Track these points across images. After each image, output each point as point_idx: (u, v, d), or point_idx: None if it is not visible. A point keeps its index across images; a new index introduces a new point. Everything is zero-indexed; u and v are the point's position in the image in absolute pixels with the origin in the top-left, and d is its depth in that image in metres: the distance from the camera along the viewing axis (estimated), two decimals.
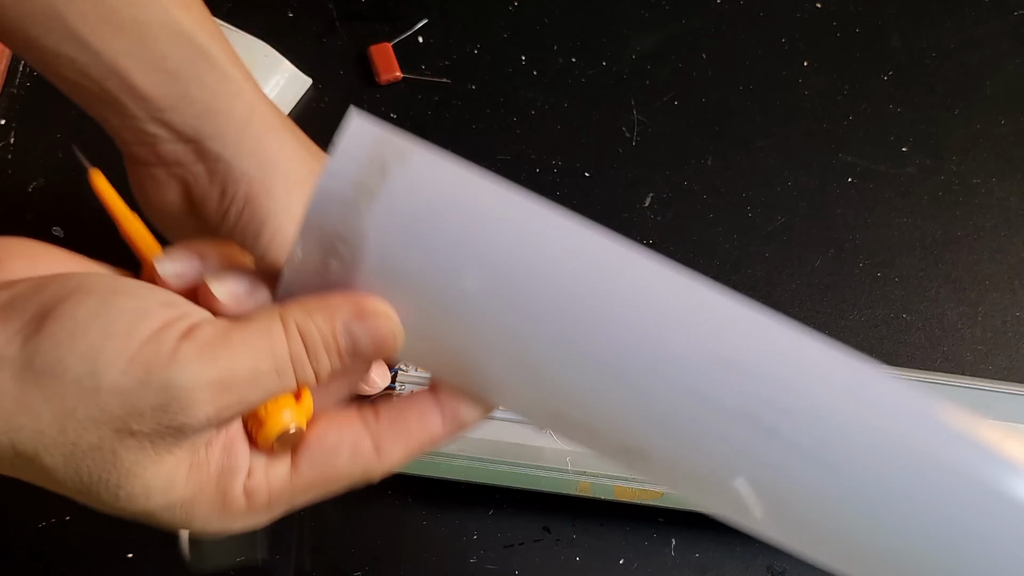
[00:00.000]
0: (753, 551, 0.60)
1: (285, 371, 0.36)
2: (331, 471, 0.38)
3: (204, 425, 0.35)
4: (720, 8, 0.77)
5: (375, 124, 0.36)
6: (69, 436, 0.34)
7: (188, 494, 0.36)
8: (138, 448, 0.35)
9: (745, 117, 0.73)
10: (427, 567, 0.59)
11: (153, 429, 0.34)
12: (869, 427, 0.35)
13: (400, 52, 0.73)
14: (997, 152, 0.72)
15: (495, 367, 0.37)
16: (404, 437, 0.39)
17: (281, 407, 0.37)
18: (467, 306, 0.36)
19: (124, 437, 0.34)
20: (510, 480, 0.56)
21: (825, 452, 0.35)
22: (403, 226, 0.36)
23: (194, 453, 0.36)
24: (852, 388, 0.36)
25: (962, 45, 0.76)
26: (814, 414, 0.35)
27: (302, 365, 0.36)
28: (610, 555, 0.60)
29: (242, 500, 0.37)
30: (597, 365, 0.36)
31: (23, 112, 0.69)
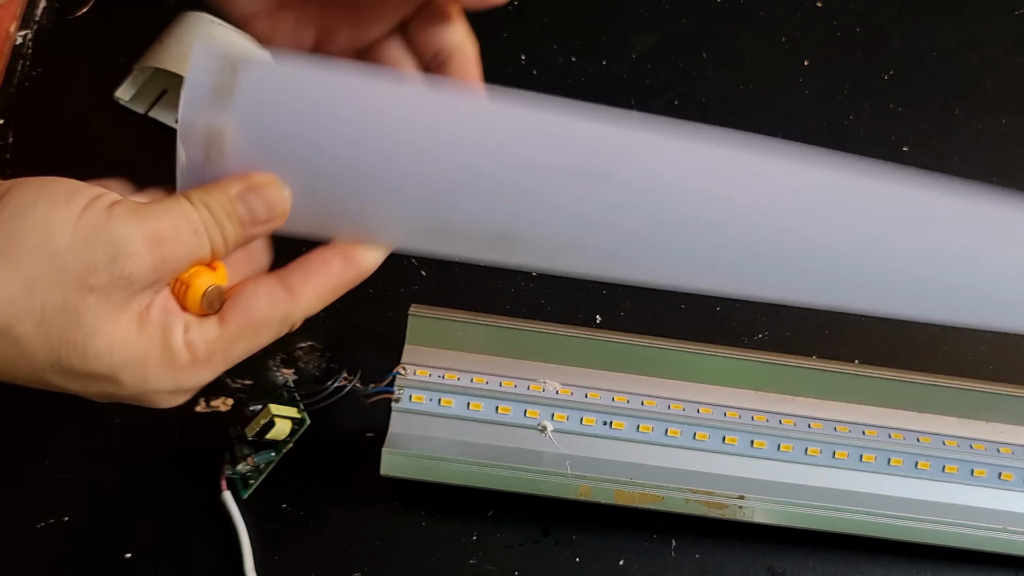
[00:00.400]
0: (753, 552, 0.60)
1: (200, 233, 0.42)
2: (254, 316, 0.43)
3: (147, 273, 0.40)
4: (720, 8, 0.76)
5: (219, 47, 0.44)
6: (37, 301, 0.39)
7: (141, 349, 0.41)
8: (97, 304, 0.40)
9: (745, 117, 0.73)
10: (426, 568, 0.59)
11: (108, 281, 0.40)
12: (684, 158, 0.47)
13: None
14: (998, 152, 0.72)
15: (364, 207, 0.45)
16: (311, 278, 0.45)
17: (202, 272, 0.43)
18: (330, 162, 0.44)
19: (84, 294, 0.39)
20: (510, 485, 0.56)
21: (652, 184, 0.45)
22: (260, 109, 0.43)
23: (141, 311, 0.41)
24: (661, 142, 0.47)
25: (963, 44, 0.76)
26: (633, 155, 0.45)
27: (212, 229, 0.42)
28: (610, 556, 0.60)
29: (185, 353, 0.42)
30: (447, 175, 0.45)
31: (22, 112, 0.69)
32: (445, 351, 0.59)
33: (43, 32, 0.72)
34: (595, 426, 0.58)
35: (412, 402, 0.57)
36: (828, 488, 0.58)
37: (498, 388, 0.58)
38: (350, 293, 0.64)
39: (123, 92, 0.69)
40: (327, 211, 0.46)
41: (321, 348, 0.63)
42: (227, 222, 0.43)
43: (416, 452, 0.56)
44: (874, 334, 0.66)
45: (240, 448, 0.59)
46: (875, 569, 0.60)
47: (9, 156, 0.68)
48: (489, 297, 0.65)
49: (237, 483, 0.59)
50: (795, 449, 0.58)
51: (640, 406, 0.58)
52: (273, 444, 0.58)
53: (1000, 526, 0.57)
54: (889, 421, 0.59)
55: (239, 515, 0.59)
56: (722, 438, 0.58)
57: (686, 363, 0.60)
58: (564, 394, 0.58)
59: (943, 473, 0.58)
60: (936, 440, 0.59)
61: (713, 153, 0.48)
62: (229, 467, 0.59)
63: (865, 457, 0.58)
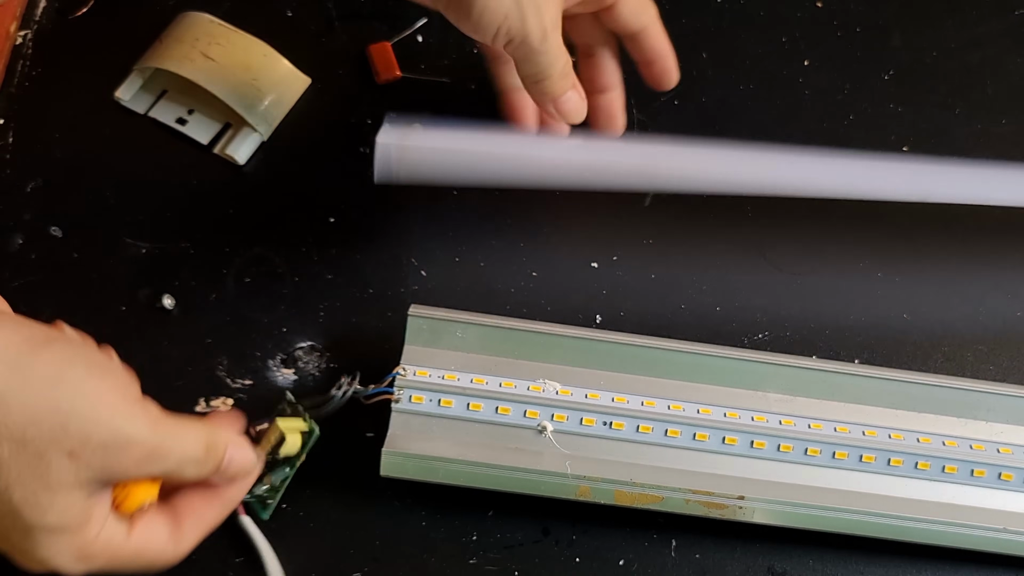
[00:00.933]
0: (753, 552, 0.60)
1: (195, 464, 0.49)
2: (148, 550, 0.50)
3: (126, 474, 0.46)
4: (720, 8, 0.76)
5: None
6: (26, 437, 0.43)
7: (69, 524, 0.46)
8: (68, 470, 0.44)
9: (745, 117, 0.73)
10: (426, 568, 0.59)
11: (91, 461, 0.44)
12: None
13: (399, 51, 0.72)
14: (998, 152, 0.72)
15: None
16: (197, 527, 0.52)
17: (144, 484, 0.49)
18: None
19: (63, 456, 0.44)
20: (510, 485, 0.56)
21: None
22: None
23: (89, 494, 0.46)
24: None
25: (963, 44, 0.76)
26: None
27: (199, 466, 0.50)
28: (610, 556, 0.60)
29: (90, 547, 0.47)
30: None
31: (22, 112, 0.69)
32: (445, 351, 0.59)
33: (43, 32, 0.72)
34: (595, 427, 0.57)
35: (412, 403, 0.57)
36: (828, 488, 0.57)
37: (498, 389, 0.58)
38: (350, 293, 0.65)
39: (123, 92, 0.69)
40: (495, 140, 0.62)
41: (321, 348, 0.63)
42: (198, 469, 0.50)
43: (416, 453, 0.56)
44: (874, 334, 0.66)
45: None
46: (875, 569, 0.60)
47: (9, 156, 0.68)
48: (489, 297, 0.65)
49: (255, 506, 0.58)
50: (795, 449, 0.58)
51: (640, 406, 0.58)
52: (287, 460, 0.57)
53: (1000, 526, 0.57)
54: (889, 421, 0.59)
55: (263, 539, 0.58)
56: (722, 438, 0.57)
57: (686, 363, 0.60)
58: (564, 395, 0.58)
59: (943, 473, 0.58)
60: (936, 440, 0.59)
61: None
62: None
63: (865, 457, 0.58)
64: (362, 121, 0.70)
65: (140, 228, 0.66)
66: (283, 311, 0.65)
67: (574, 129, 0.64)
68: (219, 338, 0.64)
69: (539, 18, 0.56)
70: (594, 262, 0.67)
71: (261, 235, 0.66)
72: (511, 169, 0.62)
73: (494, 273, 0.66)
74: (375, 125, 0.68)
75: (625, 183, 0.63)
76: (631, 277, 0.67)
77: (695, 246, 0.68)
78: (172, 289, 0.65)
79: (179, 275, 0.65)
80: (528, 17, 0.56)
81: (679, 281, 0.67)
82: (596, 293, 0.66)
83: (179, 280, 0.65)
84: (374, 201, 0.68)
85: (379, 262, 0.66)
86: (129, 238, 0.66)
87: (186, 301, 0.65)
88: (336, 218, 0.67)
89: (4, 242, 0.66)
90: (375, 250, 0.66)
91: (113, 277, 0.65)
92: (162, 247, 0.66)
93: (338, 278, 0.66)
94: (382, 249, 0.67)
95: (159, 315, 0.64)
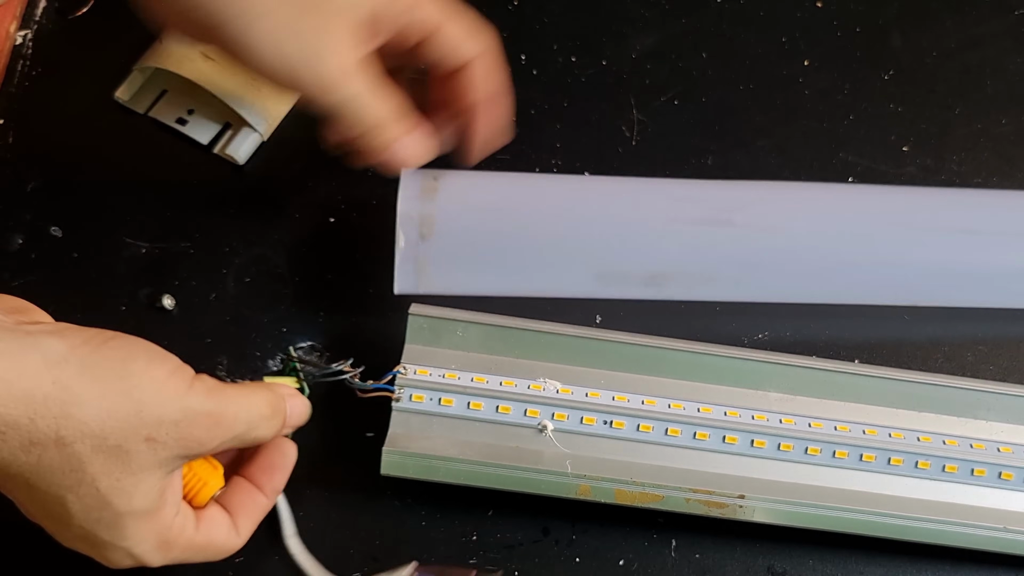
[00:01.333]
0: (754, 552, 0.60)
1: (251, 428, 0.51)
2: (213, 541, 0.52)
3: (198, 445, 0.48)
4: (720, 8, 0.77)
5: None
6: (105, 431, 0.45)
7: (153, 508, 0.48)
8: (147, 453, 0.46)
9: (745, 117, 0.73)
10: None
11: (166, 439, 0.47)
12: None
13: None
14: (998, 152, 0.72)
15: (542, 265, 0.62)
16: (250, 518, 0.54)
17: (214, 474, 0.53)
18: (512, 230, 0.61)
19: (141, 441, 0.46)
20: (510, 484, 0.56)
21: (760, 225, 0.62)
22: (456, 200, 0.60)
23: (166, 476, 0.48)
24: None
25: (963, 44, 0.76)
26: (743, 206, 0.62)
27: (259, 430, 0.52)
28: (610, 556, 0.60)
29: (170, 530, 0.50)
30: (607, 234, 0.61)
31: (22, 112, 0.69)
32: (445, 350, 0.59)
33: (43, 32, 0.72)
34: (595, 425, 0.57)
35: (412, 401, 0.57)
36: (828, 488, 0.58)
37: (498, 388, 0.58)
38: (350, 293, 0.65)
39: (123, 92, 0.69)
40: (515, 270, 0.62)
41: (321, 348, 0.63)
42: (268, 425, 0.52)
43: (416, 452, 0.56)
44: (874, 334, 0.66)
45: None
46: (875, 569, 0.60)
47: (9, 156, 0.68)
48: (489, 298, 0.64)
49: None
50: (795, 449, 0.58)
51: (640, 405, 0.58)
52: None
53: (1000, 525, 0.57)
54: (889, 420, 0.59)
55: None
56: (722, 437, 0.58)
57: (686, 363, 0.60)
58: (564, 393, 0.58)
59: (943, 472, 0.58)
60: (936, 439, 0.59)
61: (795, 196, 0.65)
62: None
63: (865, 457, 0.58)
64: None
65: (140, 228, 0.66)
66: (283, 311, 0.65)
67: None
68: (219, 338, 0.64)
69: (314, 71, 0.53)
70: None
71: (261, 235, 0.66)
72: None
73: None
74: None
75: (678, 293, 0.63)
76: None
77: None
78: (172, 289, 0.65)
79: (179, 275, 0.65)
80: (299, 71, 0.52)
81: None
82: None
83: (179, 280, 0.65)
84: (374, 201, 0.68)
85: (379, 262, 0.65)
86: (129, 238, 0.66)
87: (186, 301, 0.65)
88: (336, 218, 0.67)
89: (4, 242, 0.66)
90: (375, 250, 0.66)
91: (113, 277, 0.65)
92: (162, 247, 0.66)
93: (338, 278, 0.66)
94: (382, 249, 0.65)
95: (159, 315, 0.64)
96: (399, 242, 0.59)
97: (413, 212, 0.59)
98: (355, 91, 0.54)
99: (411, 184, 0.60)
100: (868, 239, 0.63)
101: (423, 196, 0.59)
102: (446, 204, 0.60)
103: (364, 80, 0.55)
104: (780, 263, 0.62)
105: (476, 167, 0.64)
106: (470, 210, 0.61)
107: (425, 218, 0.59)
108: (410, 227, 0.59)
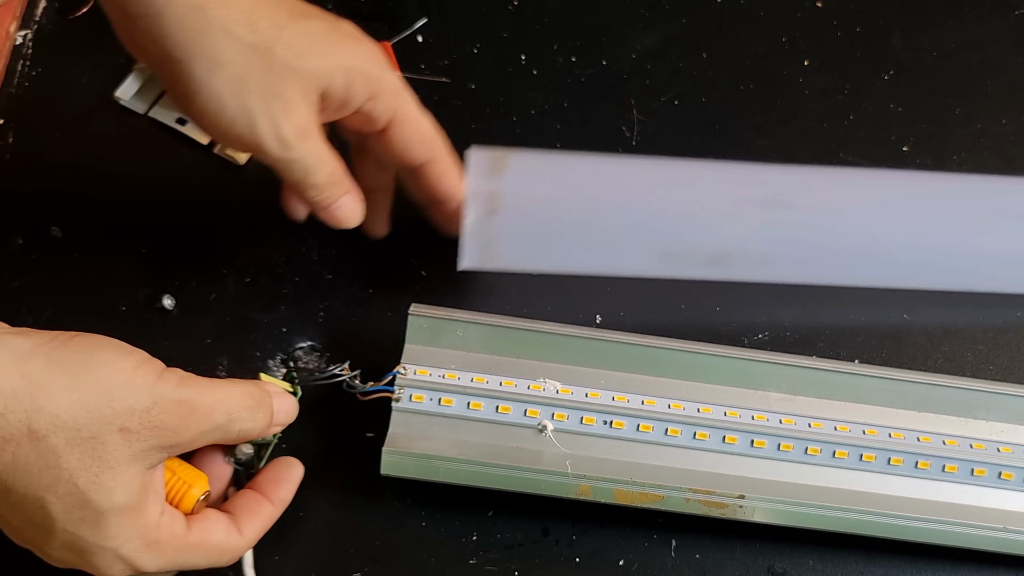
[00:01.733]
0: (754, 553, 0.60)
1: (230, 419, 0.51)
2: (210, 540, 0.52)
3: (171, 433, 0.48)
4: (720, 8, 0.77)
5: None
6: (78, 423, 0.45)
7: (135, 503, 0.48)
8: (122, 444, 0.46)
9: (745, 117, 0.73)
10: (426, 568, 0.59)
11: (139, 427, 0.47)
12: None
13: (399, 51, 0.72)
14: (998, 152, 0.72)
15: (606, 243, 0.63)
16: (255, 520, 0.54)
17: (200, 477, 0.53)
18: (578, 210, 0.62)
19: (115, 432, 0.46)
20: (510, 484, 0.57)
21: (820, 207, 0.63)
22: (523, 178, 0.61)
23: (146, 470, 0.48)
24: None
25: (963, 44, 0.76)
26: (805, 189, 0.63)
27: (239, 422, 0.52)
28: (610, 556, 0.60)
29: (155, 530, 0.49)
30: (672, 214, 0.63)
31: (22, 112, 0.69)
32: (445, 350, 0.59)
33: (43, 32, 0.72)
34: (595, 426, 0.58)
35: (412, 402, 0.57)
36: (828, 488, 0.58)
37: (498, 388, 0.58)
38: (350, 293, 0.65)
39: (123, 92, 0.69)
40: (579, 248, 0.63)
41: (321, 348, 0.64)
42: (252, 418, 0.52)
43: (416, 452, 0.57)
44: (874, 334, 0.66)
45: None
46: (875, 569, 0.60)
47: (9, 156, 0.68)
48: (489, 298, 0.65)
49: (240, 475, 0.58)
50: (795, 448, 0.58)
51: (640, 405, 0.58)
52: None
53: (1000, 525, 0.57)
54: (889, 420, 0.59)
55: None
56: (722, 438, 0.58)
57: (686, 363, 0.60)
58: (564, 393, 0.58)
59: (943, 472, 0.58)
60: (936, 439, 0.59)
61: (855, 181, 0.66)
62: (228, 455, 0.57)
63: (865, 457, 0.58)
64: None
65: (140, 228, 0.67)
66: (283, 311, 0.65)
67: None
68: (219, 338, 0.64)
69: (274, 126, 0.53)
70: None
71: (261, 235, 0.67)
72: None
73: (494, 273, 0.66)
74: None
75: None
76: (632, 280, 0.67)
77: None
78: (172, 289, 0.65)
79: (179, 275, 0.66)
80: (259, 125, 0.52)
81: (679, 281, 0.66)
82: (596, 293, 0.66)
83: (179, 280, 0.65)
84: None
85: (379, 262, 0.67)
86: (129, 238, 0.66)
87: (186, 301, 0.65)
88: None
89: (4, 242, 0.66)
90: (375, 250, 0.66)
91: (113, 277, 0.65)
92: (162, 247, 0.66)
93: (338, 278, 0.66)
94: (382, 249, 0.67)
95: (159, 315, 0.64)
96: (467, 217, 0.60)
97: (481, 188, 0.60)
98: (308, 150, 0.54)
99: (479, 162, 0.61)
100: (927, 224, 0.64)
101: (490, 174, 0.61)
102: (513, 182, 0.61)
103: (317, 142, 0.55)
104: (839, 246, 0.64)
105: (539, 148, 0.67)
106: (537, 188, 0.62)
107: (493, 195, 0.60)
108: (478, 203, 0.60)
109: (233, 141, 0.53)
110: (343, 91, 0.54)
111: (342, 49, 0.54)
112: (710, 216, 0.63)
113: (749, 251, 0.63)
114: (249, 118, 0.52)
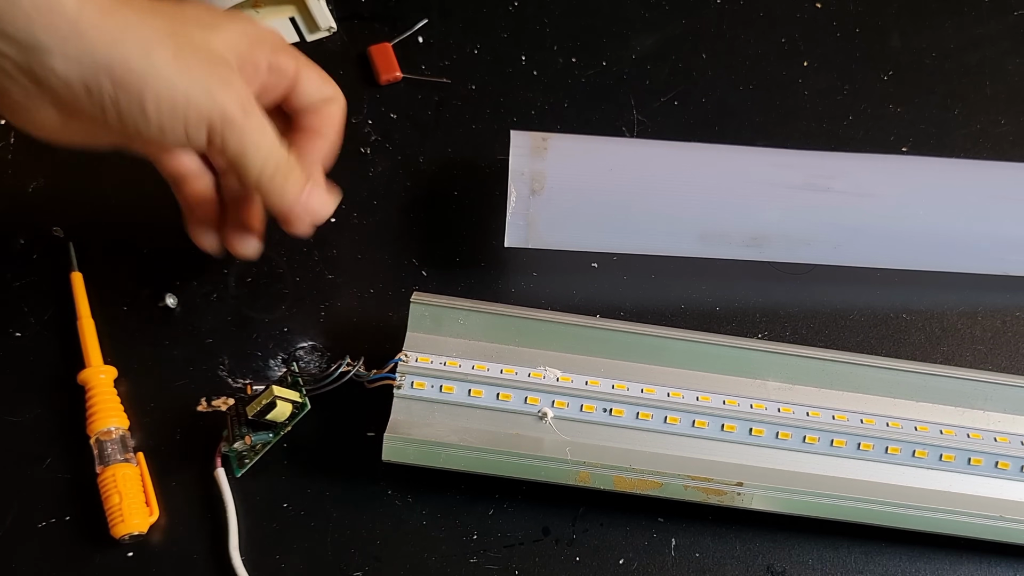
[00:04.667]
0: (753, 552, 0.62)
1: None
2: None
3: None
4: (720, 8, 0.79)
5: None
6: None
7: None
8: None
9: (745, 117, 0.75)
10: (427, 567, 0.60)
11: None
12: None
13: (400, 52, 0.74)
14: (997, 152, 0.74)
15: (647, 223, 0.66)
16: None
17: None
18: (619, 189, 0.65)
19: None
20: (510, 470, 0.58)
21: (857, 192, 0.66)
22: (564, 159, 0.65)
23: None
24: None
25: (962, 45, 0.78)
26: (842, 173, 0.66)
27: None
28: (610, 555, 0.61)
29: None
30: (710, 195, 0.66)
31: None
32: (447, 338, 0.60)
33: None
34: (595, 413, 0.59)
35: (413, 389, 0.59)
36: (826, 476, 0.59)
37: (499, 375, 0.59)
38: (350, 293, 0.67)
39: None
40: (620, 228, 0.66)
41: (322, 348, 0.65)
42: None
43: (417, 438, 0.58)
44: (873, 334, 0.68)
45: (238, 427, 0.59)
46: (874, 568, 0.62)
47: (10, 156, 0.69)
48: (489, 298, 0.65)
49: (232, 461, 0.60)
50: (793, 437, 0.59)
51: (640, 394, 0.60)
52: (272, 425, 0.59)
53: (997, 514, 0.59)
54: (887, 410, 0.61)
55: (229, 492, 0.60)
56: (721, 426, 0.59)
57: (686, 351, 0.61)
58: (564, 381, 0.60)
59: (940, 461, 0.60)
60: (934, 429, 0.60)
61: (891, 167, 0.68)
62: (226, 444, 0.59)
63: (863, 445, 0.59)
64: (363, 122, 0.72)
65: (141, 228, 0.68)
66: (284, 311, 0.66)
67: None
68: (220, 338, 0.65)
69: (234, 90, 0.53)
70: (594, 262, 0.69)
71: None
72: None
73: (494, 273, 0.68)
74: (376, 125, 0.70)
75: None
76: (631, 277, 0.69)
77: None
78: (173, 289, 0.66)
79: (180, 275, 0.67)
80: (217, 92, 0.52)
81: (679, 281, 0.69)
82: (596, 293, 0.68)
83: (180, 280, 0.66)
84: (374, 201, 0.70)
85: (379, 262, 0.68)
86: (130, 238, 0.67)
87: (187, 301, 0.66)
88: (336, 218, 0.69)
89: (5, 242, 0.67)
90: (375, 250, 0.68)
91: (114, 277, 0.66)
92: (163, 247, 0.67)
93: (338, 278, 0.67)
94: (382, 249, 0.68)
95: (160, 315, 0.65)
96: (511, 197, 0.63)
97: (524, 168, 0.63)
98: (259, 122, 0.54)
99: (522, 142, 0.64)
100: (963, 210, 0.67)
101: (533, 154, 0.64)
102: (556, 162, 0.64)
103: (263, 113, 0.55)
104: (875, 229, 0.66)
105: (579, 132, 0.70)
106: (579, 169, 0.65)
107: (536, 174, 0.64)
108: (521, 183, 0.63)
109: (193, 126, 0.52)
110: (252, 54, 0.56)
111: (230, 22, 0.55)
112: (749, 199, 0.66)
113: (787, 233, 0.66)
114: (205, 87, 0.51)
